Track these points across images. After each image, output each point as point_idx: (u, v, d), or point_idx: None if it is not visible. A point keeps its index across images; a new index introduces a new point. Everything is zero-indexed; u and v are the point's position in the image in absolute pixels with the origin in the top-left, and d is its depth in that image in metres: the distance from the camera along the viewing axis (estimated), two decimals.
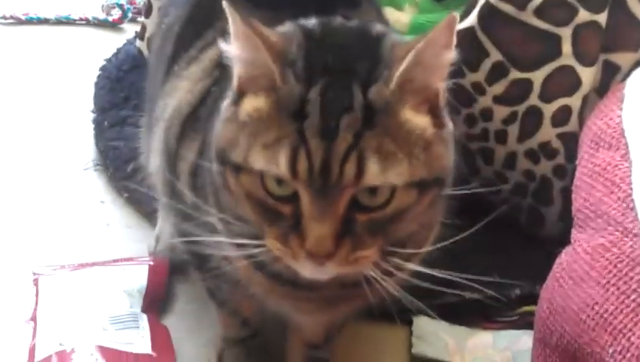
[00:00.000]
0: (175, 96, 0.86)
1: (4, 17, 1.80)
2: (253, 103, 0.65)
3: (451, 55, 0.65)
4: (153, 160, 0.92)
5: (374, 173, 0.62)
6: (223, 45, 0.67)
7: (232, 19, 0.64)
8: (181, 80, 0.86)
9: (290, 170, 0.62)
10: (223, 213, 0.72)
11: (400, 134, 0.64)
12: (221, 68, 0.77)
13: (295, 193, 0.63)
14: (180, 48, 0.90)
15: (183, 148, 0.82)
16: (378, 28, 0.72)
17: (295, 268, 0.67)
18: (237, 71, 0.67)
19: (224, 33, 0.67)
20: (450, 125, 0.69)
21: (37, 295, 1.05)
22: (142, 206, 1.23)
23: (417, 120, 0.65)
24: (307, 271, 0.66)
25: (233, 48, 0.66)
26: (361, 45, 0.68)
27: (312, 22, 0.70)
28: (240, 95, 0.67)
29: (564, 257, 0.83)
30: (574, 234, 0.84)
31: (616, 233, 0.77)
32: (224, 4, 0.64)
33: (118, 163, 1.29)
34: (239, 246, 0.71)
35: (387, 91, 0.64)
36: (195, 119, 0.81)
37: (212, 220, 0.74)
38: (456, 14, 0.63)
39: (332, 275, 0.67)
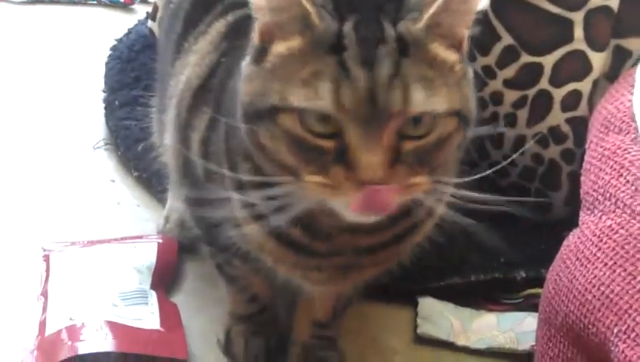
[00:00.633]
0: (185, 71, 0.86)
1: None
2: (283, 47, 0.65)
3: (478, 1, 0.66)
4: (167, 137, 0.93)
5: (420, 100, 0.62)
6: None
7: None
8: (190, 55, 0.87)
9: (334, 102, 0.61)
10: (237, 178, 0.72)
11: (435, 64, 0.64)
12: (229, 39, 0.77)
13: (337, 130, 0.63)
14: (189, 26, 0.90)
15: (194, 119, 0.82)
16: None
17: (337, 205, 0.66)
18: (260, 23, 0.67)
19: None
20: (471, 72, 0.70)
21: (48, 271, 1.06)
22: (151, 185, 1.24)
23: (447, 54, 0.66)
24: (353, 205, 0.64)
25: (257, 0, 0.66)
26: None
27: None
28: (264, 46, 0.67)
29: (572, 239, 0.83)
30: (582, 216, 0.85)
31: (624, 215, 0.77)
32: None
33: (128, 142, 1.30)
34: (249, 206, 0.72)
35: (415, 29, 0.64)
36: (205, 90, 0.82)
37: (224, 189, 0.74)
38: None
39: (377, 217, 0.66)
